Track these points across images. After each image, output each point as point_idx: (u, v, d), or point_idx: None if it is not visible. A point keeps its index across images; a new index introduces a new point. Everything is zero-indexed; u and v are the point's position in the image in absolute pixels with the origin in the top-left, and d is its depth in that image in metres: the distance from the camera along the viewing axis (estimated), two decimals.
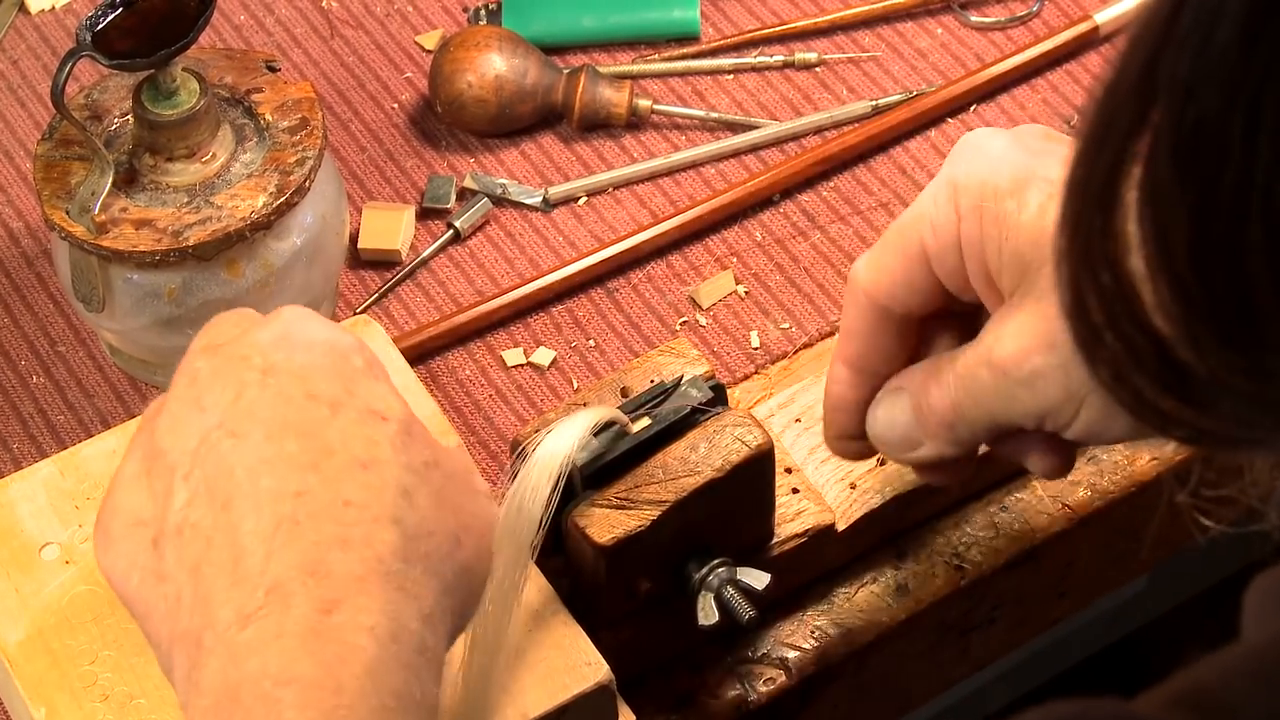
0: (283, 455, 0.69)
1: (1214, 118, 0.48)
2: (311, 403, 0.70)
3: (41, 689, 0.83)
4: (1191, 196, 0.49)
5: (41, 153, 1.01)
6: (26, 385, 1.06)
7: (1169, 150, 0.49)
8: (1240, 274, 0.49)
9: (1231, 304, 0.50)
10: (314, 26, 1.20)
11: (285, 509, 0.68)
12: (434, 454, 0.72)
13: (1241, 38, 0.47)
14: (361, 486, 0.69)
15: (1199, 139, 0.49)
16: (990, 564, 0.96)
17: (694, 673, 0.92)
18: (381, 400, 0.71)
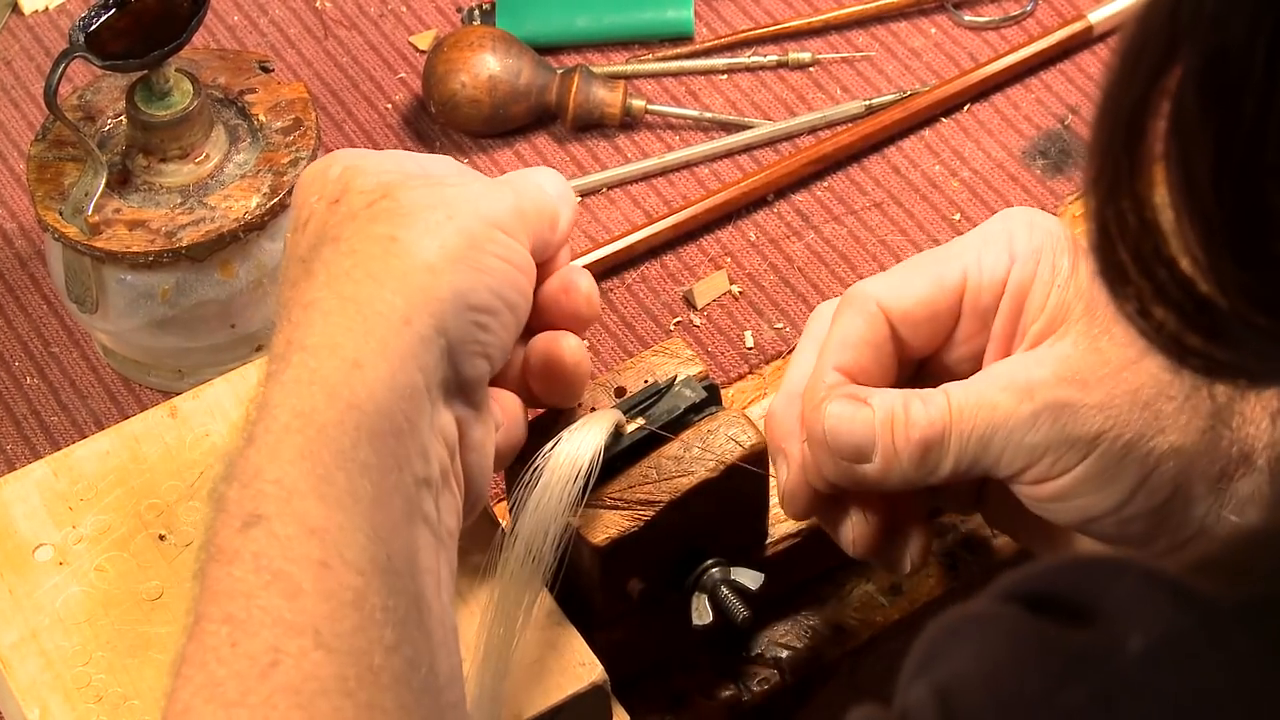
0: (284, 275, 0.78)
1: (1238, 47, 0.50)
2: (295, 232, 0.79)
3: (35, 690, 0.83)
4: (1214, 123, 0.51)
5: (35, 153, 1.01)
6: (20, 386, 1.05)
7: (1195, 79, 0.51)
8: (1258, 200, 0.51)
9: (1250, 230, 0.52)
10: (307, 27, 1.20)
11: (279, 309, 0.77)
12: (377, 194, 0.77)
13: None
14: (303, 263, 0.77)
15: (1223, 68, 0.50)
16: (987, 564, 0.96)
17: (688, 673, 0.92)
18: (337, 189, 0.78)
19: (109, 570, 0.86)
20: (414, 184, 0.77)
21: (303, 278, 0.76)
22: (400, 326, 0.73)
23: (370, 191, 0.77)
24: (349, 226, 0.76)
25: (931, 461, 0.80)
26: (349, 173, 0.78)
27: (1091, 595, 0.56)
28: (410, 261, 0.74)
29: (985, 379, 0.80)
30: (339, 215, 0.77)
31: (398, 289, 0.74)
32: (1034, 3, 1.18)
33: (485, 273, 0.75)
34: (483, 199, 0.77)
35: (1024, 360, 0.80)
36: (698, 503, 0.84)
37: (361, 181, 0.78)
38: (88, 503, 0.88)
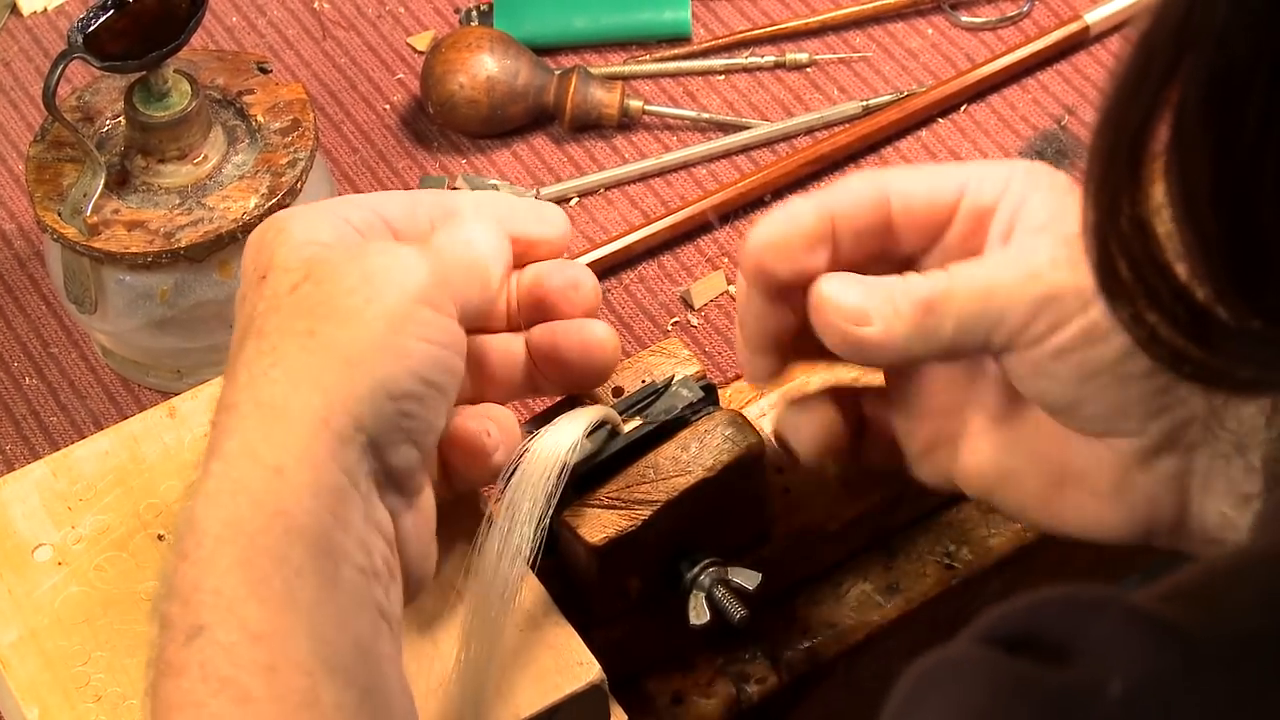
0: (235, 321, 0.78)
1: (1241, 67, 0.50)
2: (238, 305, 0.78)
3: (34, 690, 0.83)
4: (1215, 140, 0.51)
5: (34, 154, 1.01)
6: (19, 387, 1.05)
7: (1198, 97, 0.51)
8: (1254, 221, 0.51)
9: (1246, 249, 0.52)
10: (306, 28, 1.20)
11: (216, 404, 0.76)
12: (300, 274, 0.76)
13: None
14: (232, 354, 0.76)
15: (1226, 87, 0.50)
16: (981, 563, 0.96)
17: (686, 672, 0.92)
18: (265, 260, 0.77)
19: (108, 570, 0.86)
20: (335, 260, 0.76)
21: (229, 376, 0.75)
22: (319, 428, 0.72)
23: (293, 270, 0.76)
24: (272, 320, 0.75)
25: (932, 324, 0.77)
26: (275, 242, 0.77)
27: (1070, 634, 0.56)
28: (327, 358, 0.73)
29: (986, 253, 0.79)
30: (265, 301, 0.76)
31: (314, 388, 0.73)
32: (1030, 3, 1.18)
33: (407, 358, 0.74)
34: (407, 273, 0.75)
35: (1021, 242, 0.79)
36: (695, 502, 0.84)
37: (285, 256, 0.76)
38: (87, 503, 0.88)
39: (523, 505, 0.81)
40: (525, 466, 0.81)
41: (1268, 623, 0.55)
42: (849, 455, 0.86)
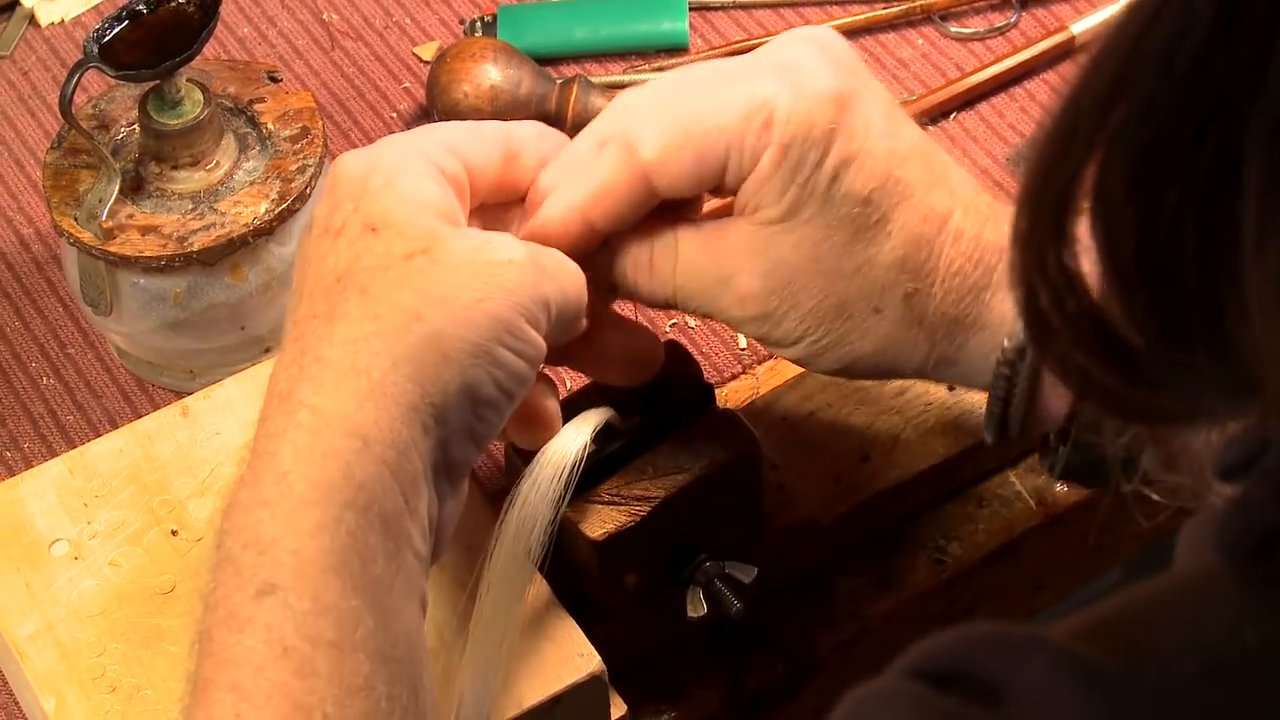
0: (302, 286, 0.76)
1: (1166, 136, 0.50)
2: (325, 236, 0.76)
3: (51, 680, 0.83)
4: (1138, 209, 0.51)
5: (51, 161, 1.01)
6: (37, 386, 1.05)
7: (1122, 164, 0.51)
8: (1177, 281, 0.51)
9: (1169, 304, 0.52)
10: (315, 38, 1.20)
11: (292, 330, 0.75)
12: (423, 243, 0.74)
13: (1198, 65, 0.49)
14: (325, 298, 0.74)
15: (1151, 155, 0.50)
16: (970, 558, 0.96)
17: (684, 663, 0.92)
18: (379, 208, 0.75)
19: (122, 565, 0.86)
20: (456, 247, 0.74)
21: (323, 319, 0.73)
22: (409, 414, 0.72)
23: (411, 239, 0.74)
24: (380, 279, 0.73)
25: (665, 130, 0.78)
26: (386, 196, 0.75)
27: (1000, 675, 0.55)
28: (429, 348, 0.72)
29: None
30: (373, 255, 0.74)
31: (411, 374, 0.72)
32: (1018, 14, 1.18)
33: (498, 367, 0.73)
34: (519, 284, 0.74)
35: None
36: (692, 498, 0.84)
37: (403, 218, 0.74)
38: (102, 499, 0.88)
39: (532, 508, 0.81)
40: (535, 470, 0.81)
41: (1189, 668, 0.54)
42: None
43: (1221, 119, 0.48)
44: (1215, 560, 0.57)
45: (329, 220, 0.76)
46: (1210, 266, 0.50)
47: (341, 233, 0.75)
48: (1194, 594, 0.58)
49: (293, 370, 0.73)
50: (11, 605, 0.85)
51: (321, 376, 0.72)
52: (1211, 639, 0.55)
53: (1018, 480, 0.98)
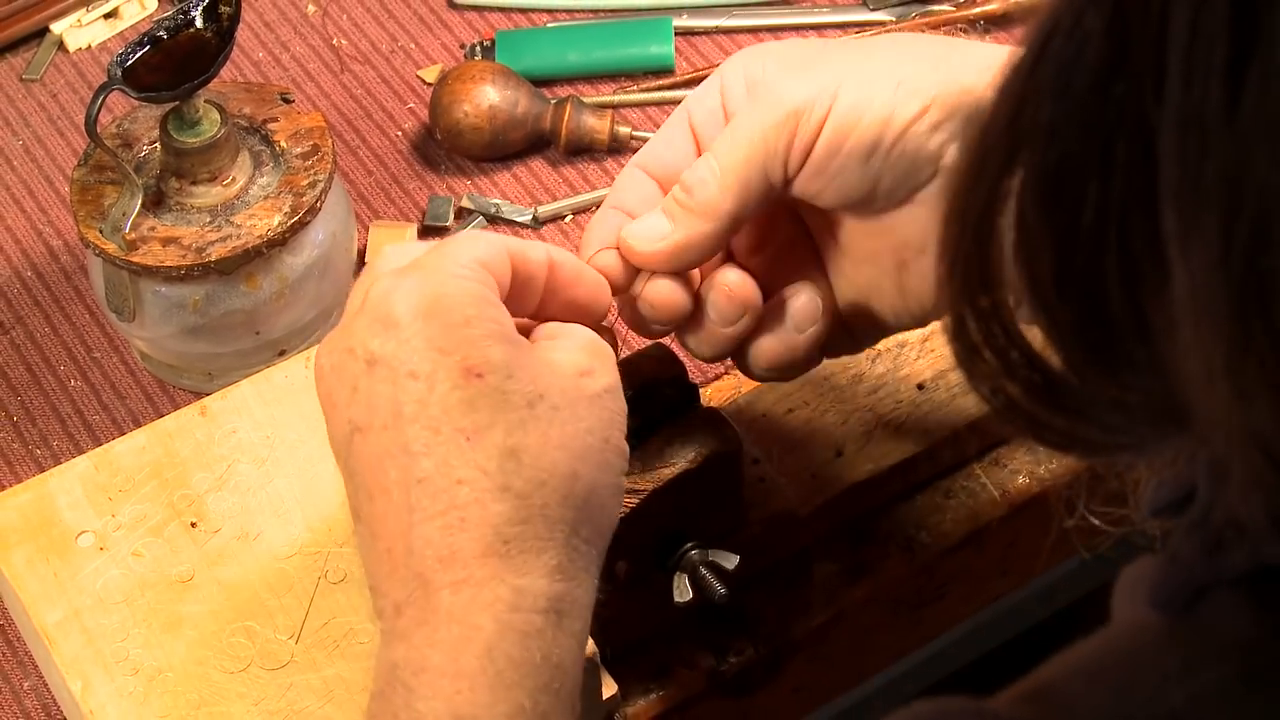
0: (399, 443, 0.67)
1: (1074, 157, 0.48)
2: (412, 381, 0.67)
3: (77, 664, 0.82)
4: (1054, 230, 0.49)
5: (77, 177, 1.00)
6: (65, 388, 1.05)
7: (1034, 187, 0.49)
8: (1099, 300, 0.49)
9: (1092, 327, 0.50)
10: (325, 62, 1.19)
11: (412, 498, 0.67)
12: (537, 387, 0.69)
13: (1096, 85, 0.47)
14: (467, 463, 0.67)
15: (1061, 176, 0.48)
16: (939, 546, 0.95)
17: (671, 646, 0.91)
18: (478, 351, 0.68)
19: (145, 555, 0.86)
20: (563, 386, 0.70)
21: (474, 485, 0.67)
22: (584, 573, 0.70)
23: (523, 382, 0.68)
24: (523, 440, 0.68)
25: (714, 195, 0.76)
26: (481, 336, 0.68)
27: None
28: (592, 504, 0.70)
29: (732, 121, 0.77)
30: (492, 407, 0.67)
31: (587, 535, 0.70)
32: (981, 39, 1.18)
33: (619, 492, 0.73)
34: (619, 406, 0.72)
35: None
36: (679, 491, 0.84)
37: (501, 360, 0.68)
38: (126, 493, 0.88)
39: None
40: None
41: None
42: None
43: (1128, 133, 0.47)
44: (1148, 615, 0.56)
45: (409, 362, 0.68)
46: (1133, 282, 0.48)
47: (436, 379, 0.68)
48: (1123, 657, 0.56)
49: (456, 538, 0.67)
50: (41, 593, 0.84)
51: (508, 553, 0.67)
52: (1138, 702, 0.53)
53: (983, 473, 0.97)
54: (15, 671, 0.93)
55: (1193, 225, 0.46)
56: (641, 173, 0.80)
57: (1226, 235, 0.45)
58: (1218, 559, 0.54)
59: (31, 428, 1.03)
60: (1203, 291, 0.46)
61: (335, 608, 0.84)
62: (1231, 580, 0.54)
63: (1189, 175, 0.45)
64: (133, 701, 0.81)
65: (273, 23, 1.21)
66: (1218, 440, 0.48)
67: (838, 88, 0.74)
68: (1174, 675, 0.53)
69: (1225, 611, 0.54)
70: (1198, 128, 0.45)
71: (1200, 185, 0.45)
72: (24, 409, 1.04)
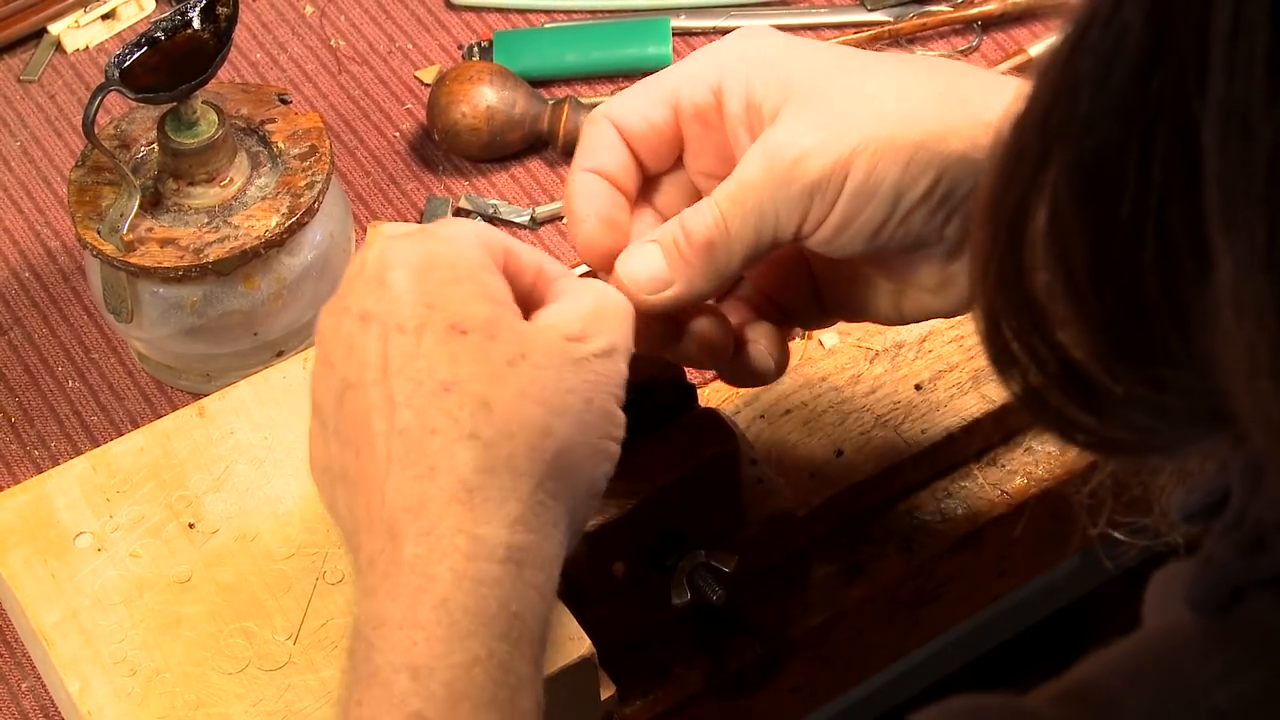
0: (385, 394, 0.69)
1: (1112, 148, 0.47)
2: (400, 334, 0.70)
3: (75, 665, 0.82)
4: (1091, 222, 0.49)
5: (75, 178, 1.00)
6: (63, 389, 1.05)
7: (1070, 179, 0.49)
8: (1136, 293, 0.49)
9: (1128, 321, 0.50)
10: (323, 63, 1.19)
11: (392, 448, 0.68)
12: (520, 347, 0.70)
13: (1135, 75, 0.47)
14: (443, 412, 0.68)
15: (1098, 168, 0.48)
16: (937, 546, 0.95)
17: (669, 647, 0.91)
18: (465, 309, 0.70)
19: (142, 555, 0.86)
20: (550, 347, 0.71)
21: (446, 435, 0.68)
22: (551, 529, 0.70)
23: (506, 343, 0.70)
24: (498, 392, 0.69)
25: (720, 257, 0.76)
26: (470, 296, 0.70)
27: None
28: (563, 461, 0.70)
29: (742, 164, 0.76)
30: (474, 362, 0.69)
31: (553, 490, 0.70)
32: (979, 39, 1.18)
33: (608, 460, 0.73)
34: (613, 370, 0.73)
35: (768, 132, 0.76)
36: (676, 492, 0.84)
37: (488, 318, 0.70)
38: (123, 494, 0.87)
39: None
40: None
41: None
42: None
43: (1168, 124, 0.46)
44: (1185, 617, 0.55)
45: (398, 316, 0.70)
46: (1171, 273, 0.48)
47: (423, 332, 0.70)
48: (1164, 657, 0.56)
49: (425, 486, 0.68)
50: (39, 594, 0.84)
51: (471, 501, 0.68)
52: (1181, 702, 0.53)
53: (981, 474, 0.97)
54: (13, 672, 0.93)
55: (1237, 215, 0.45)
56: (614, 132, 0.79)
57: (1273, 225, 0.45)
58: (1254, 559, 0.54)
59: (29, 429, 1.03)
60: (1247, 282, 0.45)
61: (333, 609, 0.84)
62: (1268, 580, 0.54)
63: (1232, 165, 0.45)
64: (130, 702, 0.81)
65: (270, 24, 1.21)
66: (1257, 436, 0.48)
67: (852, 156, 0.74)
68: (1217, 676, 0.53)
69: (1264, 611, 0.54)
70: (1241, 118, 0.45)
71: (1245, 175, 0.45)
72: (22, 410, 1.04)
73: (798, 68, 0.76)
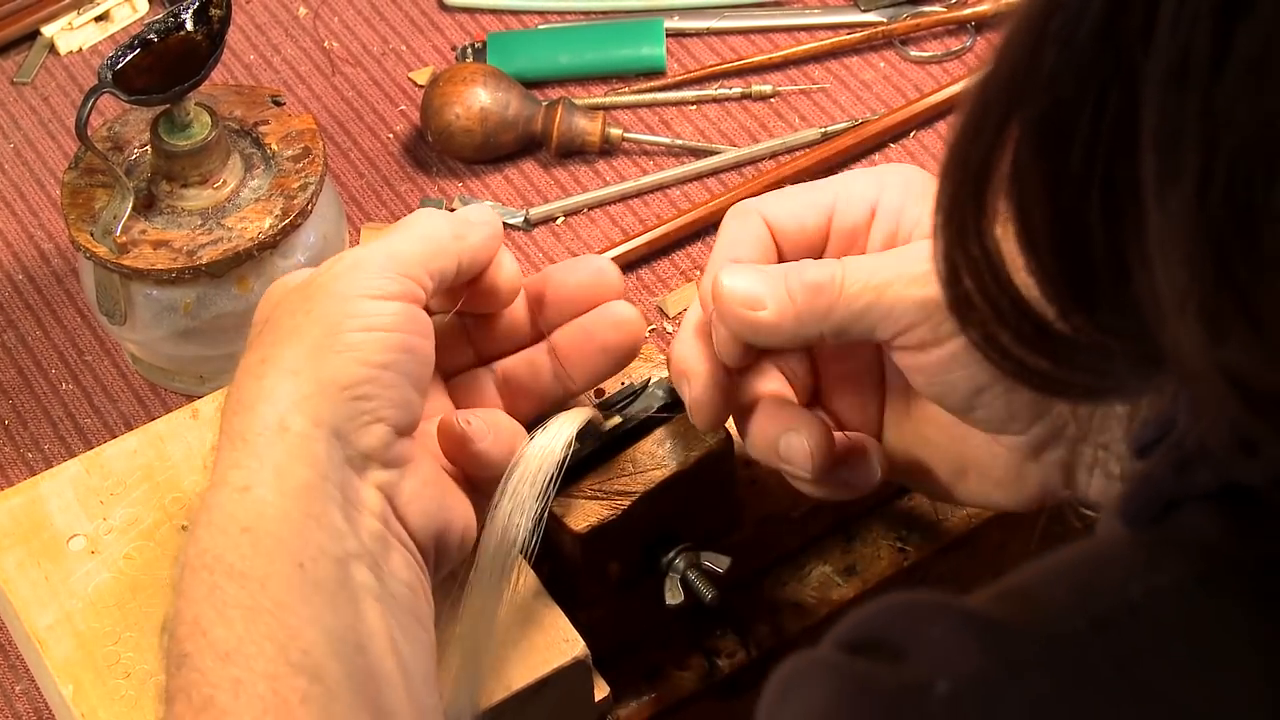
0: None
1: (1069, 103, 0.50)
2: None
3: (69, 668, 0.82)
4: (1046, 175, 0.51)
5: (68, 180, 1.00)
6: (57, 391, 1.05)
7: (1030, 134, 0.51)
8: (1085, 243, 0.51)
9: (1079, 269, 0.52)
10: (317, 64, 1.19)
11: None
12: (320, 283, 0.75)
13: (1096, 34, 0.49)
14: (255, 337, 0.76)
15: (1056, 124, 0.50)
16: (931, 547, 0.95)
17: (662, 648, 0.91)
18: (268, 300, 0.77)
19: (136, 558, 0.86)
20: (290, 299, 0.75)
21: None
22: (276, 436, 0.71)
23: (257, 324, 0.76)
24: (239, 371, 0.75)
25: (822, 306, 0.76)
26: (256, 310, 0.78)
27: (907, 636, 0.55)
28: (275, 374, 0.72)
29: (881, 254, 0.78)
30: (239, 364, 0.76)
31: (268, 403, 0.72)
32: (972, 39, 1.18)
33: (349, 350, 0.73)
34: (341, 278, 0.75)
35: (913, 248, 0.77)
36: (669, 493, 0.84)
37: (256, 315, 0.77)
38: (117, 497, 0.87)
39: (520, 500, 0.80)
40: (522, 464, 0.81)
41: (1078, 620, 0.54)
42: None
43: (1119, 81, 0.48)
44: (1117, 528, 0.58)
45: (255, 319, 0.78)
46: (1114, 221, 0.50)
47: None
48: (1090, 558, 0.58)
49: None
50: (32, 597, 0.84)
51: (213, 469, 0.73)
52: (1099, 595, 0.55)
53: None
54: (7, 675, 0.93)
55: (1170, 166, 0.48)
56: (765, 228, 0.80)
57: (1204, 176, 0.47)
58: (1186, 476, 0.56)
59: (23, 431, 1.03)
60: (1177, 229, 0.48)
61: None
62: (1200, 496, 0.56)
63: (1170, 121, 0.48)
64: (125, 705, 0.81)
65: (264, 25, 1.21)
66: (1188, 373, 0.50)
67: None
68: (1137, 573, 0.55)
69: (1192, 521, 0.56)
70: (1180, 77, 0.47)
71: (1180, 130, 0.47)
72: (15, 412, 1.04)
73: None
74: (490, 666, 0.81)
